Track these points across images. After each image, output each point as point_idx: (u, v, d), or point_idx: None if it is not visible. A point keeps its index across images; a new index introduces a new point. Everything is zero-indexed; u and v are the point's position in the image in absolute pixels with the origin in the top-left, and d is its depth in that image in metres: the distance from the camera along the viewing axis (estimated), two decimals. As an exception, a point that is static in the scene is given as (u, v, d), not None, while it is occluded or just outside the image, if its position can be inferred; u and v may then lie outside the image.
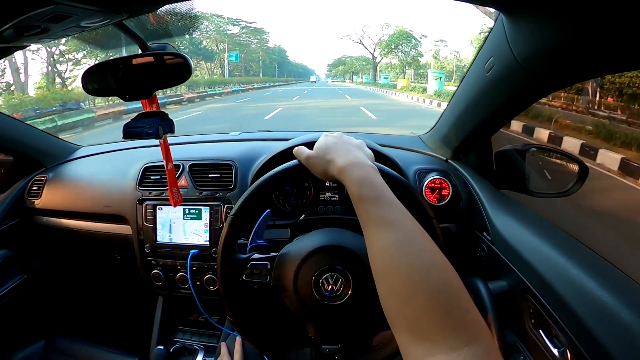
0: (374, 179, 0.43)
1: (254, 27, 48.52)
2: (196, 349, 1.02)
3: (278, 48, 63.98)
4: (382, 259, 0.37)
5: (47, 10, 0.37)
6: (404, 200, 0.43)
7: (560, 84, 0.61)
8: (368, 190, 0.42)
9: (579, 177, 0.77)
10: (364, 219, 0.40)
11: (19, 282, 1.10)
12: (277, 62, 60.64)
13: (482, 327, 0.30)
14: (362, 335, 0.59)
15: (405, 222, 0.39)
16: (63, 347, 1.19)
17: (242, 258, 0.57)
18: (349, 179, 0.44)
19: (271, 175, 0.55)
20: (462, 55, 41.95)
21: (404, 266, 0.34)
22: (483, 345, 0.29)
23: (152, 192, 1.01)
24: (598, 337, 0.47)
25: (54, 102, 10.85)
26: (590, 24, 0.43)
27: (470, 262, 0.88)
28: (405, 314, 0.32)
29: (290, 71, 74.16)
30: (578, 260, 0.57)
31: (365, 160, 0.47)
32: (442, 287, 0.32)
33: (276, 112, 11.12)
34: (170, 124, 0.63)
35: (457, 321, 0.30)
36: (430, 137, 1.12)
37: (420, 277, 0.33)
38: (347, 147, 0.49)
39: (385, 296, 0.35)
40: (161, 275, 0.99)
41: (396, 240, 0.37)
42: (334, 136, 0.53)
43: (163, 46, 0.58)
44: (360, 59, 61.33)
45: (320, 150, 0.50)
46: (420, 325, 0.31)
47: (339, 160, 0.47)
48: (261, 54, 50.92)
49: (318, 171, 0.50)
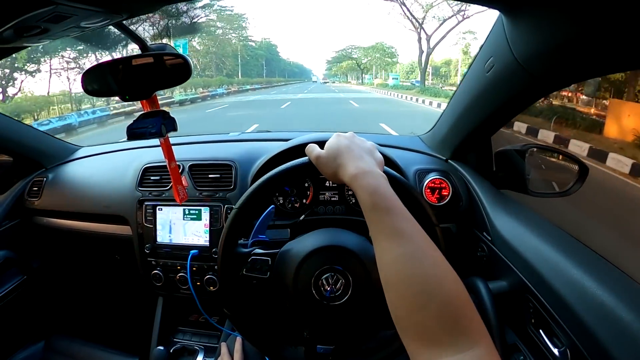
0: (385, 189, 0.43)
1: (229, 12, 36.85)
2: (196, 349, 1.02)
3: (266, 43, 50.92)
4: (395, 270, 0.37)
5: (47, 11, 0.37)
6: (408, 205, 0.43)
7: (560, 84, 0.61)
8: (380, 200, 0.42)
9: (578, 177, 0.77)
10: (376, 229, 0.41)
11: (18, 282, 1.10)
12: (264, 58, 47.63)
13: (484, 331, 0.33)
14: (359, 336, 0.59)
15: (416, 234, 0.39)
16: (63, 348, 1.19)
17: (244, 252, 0.57)
18: (360, 187, 0.44)
19: (280, 170, 0.54)
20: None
21: (417, 278, 0.36)
22: (485, 348, 0.31)
23: (152, 192, 1.01)
24: (598, 337, 0.47)
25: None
26: (590, 23, 0.43)
27: (471, 262, 0.88)
28: (416, 322, 0.34)
29: (283, 70, 61.92)
30: (578, 260, 0.57)
31: (377, 168, 0.46)
32: (452, 297, 0.34)
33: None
34: (172, 123, 0.63)
35: (463, 328, 0.32)
36: (430, 137, 1.12)
37: (433, 288, 0.35)
38: (359, 153, 0.48)
39: (396, 305, 0.36)
40: (161, 276, 0.99)
41: (409, 252, 0.37)
42: (346, 137, 0.51)
43: (163, 46, 0.58)
44: (378, 48, 41.33)
45: (331, 152, 0.49)
46: (430, 332, 0.33)
47: (350, 167, 0.46)
48: (240, 48, 39.40)
49: (328, 173, 0.50)
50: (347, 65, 49.56)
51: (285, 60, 65.79)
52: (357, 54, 46.76)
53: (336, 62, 53.64)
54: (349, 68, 49.79)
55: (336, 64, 53.80)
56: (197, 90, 21.38)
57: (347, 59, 48.85)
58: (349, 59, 48.33)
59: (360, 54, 45.79)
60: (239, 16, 38.50)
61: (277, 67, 57.09)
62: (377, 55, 41.65)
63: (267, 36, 73.66)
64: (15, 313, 1.11)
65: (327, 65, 61.71)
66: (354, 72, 49.46)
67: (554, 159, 0.89)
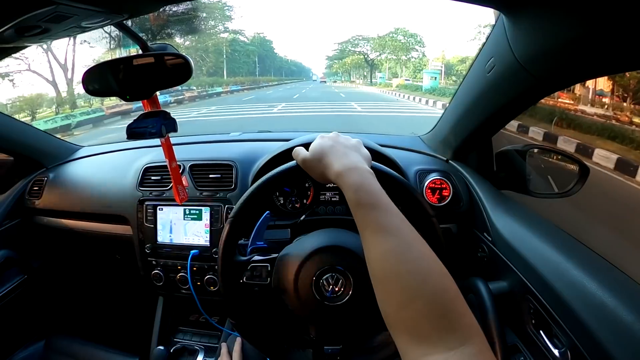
0: (370, 184, 0.43)
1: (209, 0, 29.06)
2: (196, 349, 1.02)
3: (259, 38, 43.39)
4: (381, 266, 0.37)
5: (47, 11, 0.37)
6: (403, 199, 0.43)
7: (561, 84, 0.61)
8: (365, 196, 0.42)
9: (579, 178, 0.77)
10: (362, 225, 0.41)
11: (19, 282, 1.10)
12: (257, 55, 39.71)
13: (476, 329, 0.32)
14: (363, 335, 0.59)
15: (402, 228, 0.39)
16: (63, 348, 1.19)
17: (243, 260, 0.57)
18: (345, 184, 0.44)
19: (269, 177, 0.55)
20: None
21: (402, 273, 0.35)
22: (477, 345, 0.31)
23: (153, 192, 1.01)
24: (598, 337, 0.47)
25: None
26: (590, 24, 0.43)
27: (471, 263, 0.88)
28: (404, 317, 0.34)
29: (280, 68, 54.63)
30: (578, 261, 0.57)
31: (362, 164, 0.46)
32: (439, 292, 0.34)
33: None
34: (172, 123, 0.63)
35: (453, 324, 0.32)
36: (430, 138, 1.12)
37: (418, 283, 0.34)
38: (343, 150, 0.48)
39: (384, 300, 0.36)
40: (161, 276, 0.99)
41: (394, 248, 0.37)
42: (330, 137, 0.51)
43: (163, 46, 0.58)
44: (394, 39, 30.51)
45: (316, 153, 0.49)
46: (418, 328, 0.32)
47: (335, 165, 0.46)
48: (225, 42, 32.23)
49: (315, 174, 0.50)
50: (352, 61, 38.69)
51: (282, 57, 58.84)
52: (365, 47, 35.54)
53: (338, 57, 42.44)
54: (354, 64, 38.88)
55: (338, 60, 42.50)
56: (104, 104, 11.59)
57: (352, 54, 38.39)
58: (355, 54, 37.96)
59: (370, 46, 34.75)
60: (223, 4, 31.67)
61: (273, 65, 49.88)
62: (399, 43, 30.56)
63: (261, 31, 61.98)
64: (16, 312, 1.11)
65: (328, 62, 49.17)
66: (359, 69, 38.95)
67: (555, 159, 0.89)
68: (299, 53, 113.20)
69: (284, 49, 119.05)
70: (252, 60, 38.77)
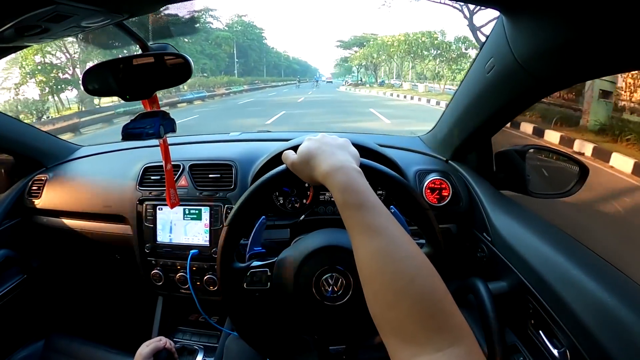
0: (357, 184, 0.43)
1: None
2: (196, 349, 1.02)
3: (241, 22, 35.87)
4: (368, 265, 0.37)
5: (47, 10, 0.37)
6: (395, 194, 0.42)
7: (561, 85, 0.61)
8: (351, 196, 0.41)
9: (579, 178, 0.77)
10: (349, 225, 0.41)
11: (18, 282, 1.10)
12: (236, 46, 31.50)
13: (465, 329, 0.31)
14: (364, 334, 0.59)
15: (389, 228, 0.39)
16: (63, 347, 1.19)
17: (242, 267, 0.57)
18: (332, 185, 0.44)
19: (260, 182, 0.54)
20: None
21: (388, 273, 0.35)
22: (466, 346, 0.30)
23: (153, 192, 1.01)
24: (598, 337, 0.47)
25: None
26: (590, 24, 0.43)
27: (471, 263, 0.88)
28: (390, 318, 0.33)
29: (277, 65, 49.45)
30: (578, 261, 0.57)
31: (349, 163, 0.46)
32: (426, 292, 0.33)
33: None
34: (171, 123, 0.63)
35: (441, 324, 0.31)
36: (430, 138, 1.12)
37: (405, 283, 0.34)
38: (330, 150, 0.48)
39: (372, 301, 0.36)
40: (161, 276, 0.99)
41: (381, 247, 0.37)
42: (316, 139, 0.51)
43: (163, 46, 0.58)
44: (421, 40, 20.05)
45: (303, 156, 0.49)
46: (405, 329, 0.32)
47: (322, 165, 0.46)
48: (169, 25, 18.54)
49: (304, 176, 0.50)
50: (365, 53, 28.69)
51: (280, 53, 51.43)
52: (375, 49, 26.64)
53: (357, 43, 32.69)
54: (363, 57, 29.45)
55: (359, 46, 32.00)
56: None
57: (363, 60, 30.04)
58: (365, 60, 29.51)
59: (379, 47, 25.30)
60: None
61: (268, 62, 40.04)
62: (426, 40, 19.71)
63: (243, 13, 50.61)
64: (15, 312, 1.11)
65: (340, 49, 38.37)
66: (371, 68, 30.57)
67: (554, 159, 0.89)
68: (305, 52, 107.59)
69: (285, 45, 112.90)
70: (229, 52, 28.58)
